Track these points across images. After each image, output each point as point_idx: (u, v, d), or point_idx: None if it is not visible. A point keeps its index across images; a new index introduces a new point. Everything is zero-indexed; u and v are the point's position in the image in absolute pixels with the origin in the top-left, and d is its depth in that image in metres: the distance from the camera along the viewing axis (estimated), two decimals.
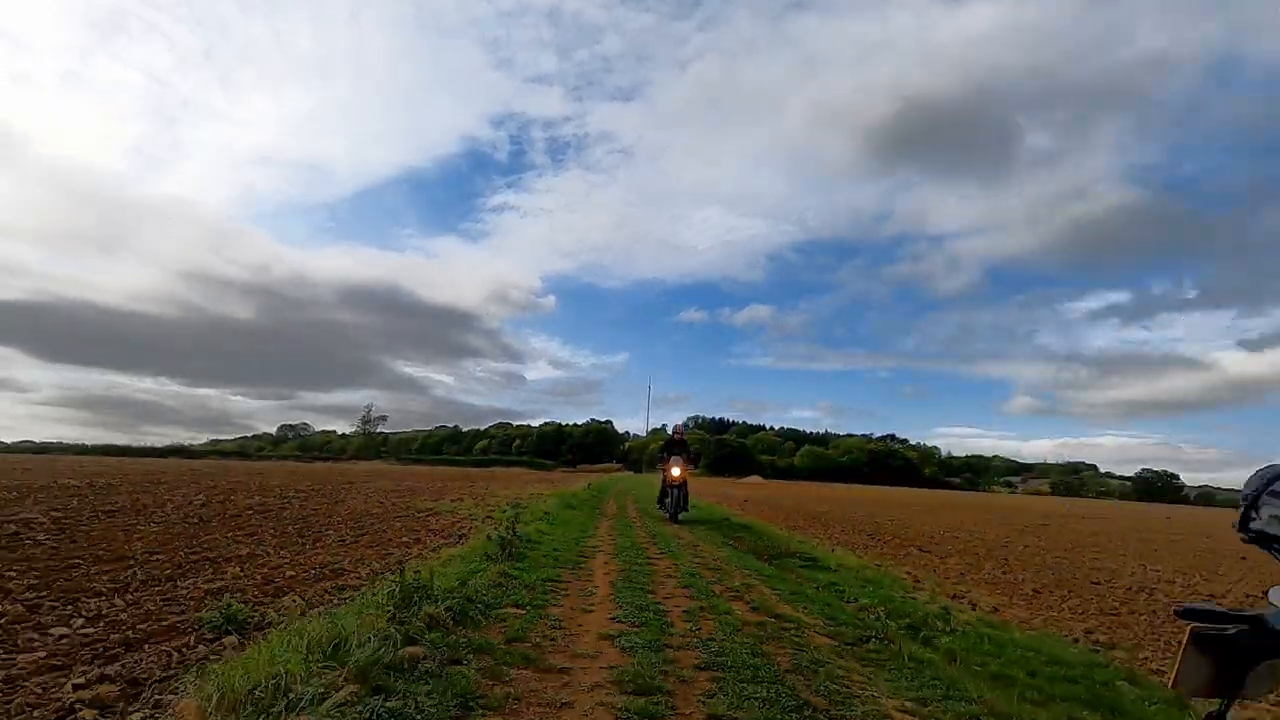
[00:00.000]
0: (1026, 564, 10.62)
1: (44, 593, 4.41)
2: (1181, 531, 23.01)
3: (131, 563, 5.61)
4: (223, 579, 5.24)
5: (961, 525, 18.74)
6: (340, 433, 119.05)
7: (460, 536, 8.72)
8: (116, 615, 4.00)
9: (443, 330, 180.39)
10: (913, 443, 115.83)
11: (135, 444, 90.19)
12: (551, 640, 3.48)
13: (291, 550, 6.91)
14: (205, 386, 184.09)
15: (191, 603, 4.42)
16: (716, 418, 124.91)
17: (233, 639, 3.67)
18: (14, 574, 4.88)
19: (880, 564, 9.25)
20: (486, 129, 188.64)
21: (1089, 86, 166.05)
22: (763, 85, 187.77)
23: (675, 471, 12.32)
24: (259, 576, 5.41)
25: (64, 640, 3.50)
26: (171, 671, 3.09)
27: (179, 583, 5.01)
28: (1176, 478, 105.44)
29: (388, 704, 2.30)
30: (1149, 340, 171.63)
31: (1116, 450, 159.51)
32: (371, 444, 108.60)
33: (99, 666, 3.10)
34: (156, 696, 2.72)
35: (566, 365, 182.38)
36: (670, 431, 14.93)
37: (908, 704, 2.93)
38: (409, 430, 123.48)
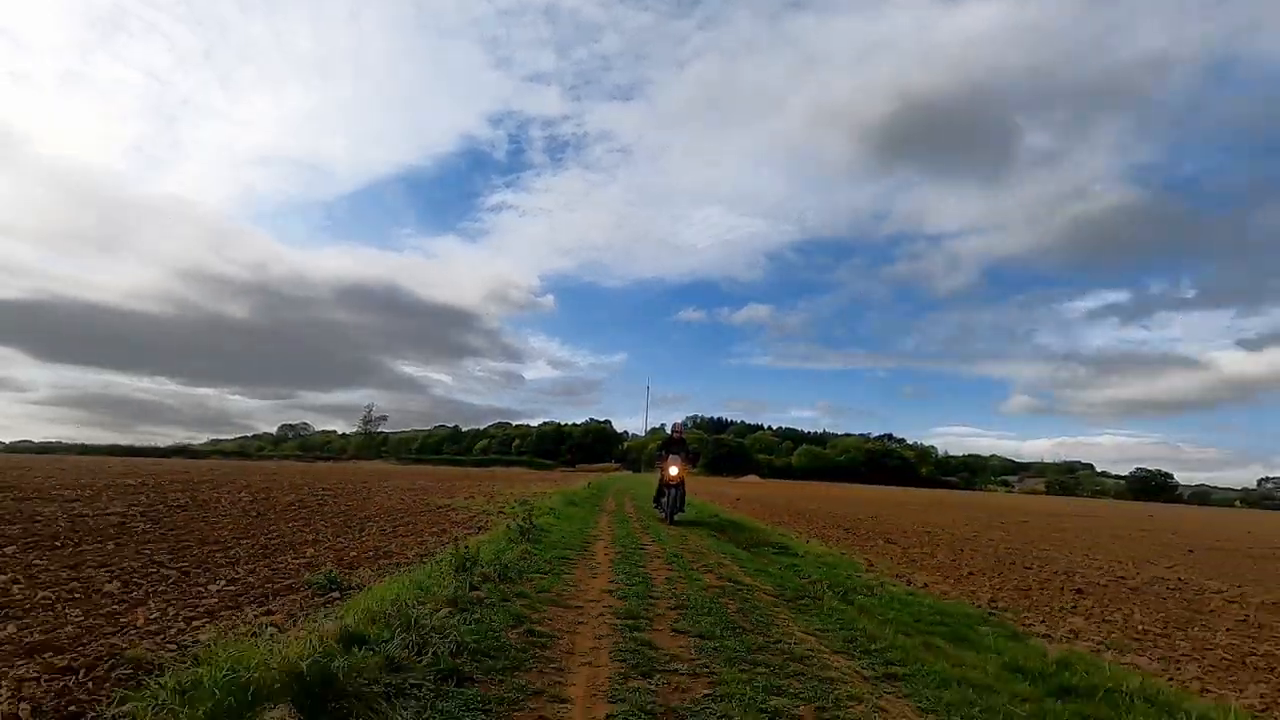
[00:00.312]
0: (978, 552, 11.99)
1: (182, 564, 5.82)
2: (1154, 528, 24.40)
3: (228, 545, 7.02)
4: (304, 557, 6.64)
5: (940, 522, 20.03)
6: (340, 432, 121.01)
7: (480, 528, 10.12)
8: (245, 579, 5.41)
9: (442, 330, 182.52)
10: (910, 442, 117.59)
11: (139, 444, 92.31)
12: (569, 592, 4.91)
13: (346, 538, 8.32)
14: (204, 386, 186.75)
15: (291, 572, 5.82)
16: (715, 417, 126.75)
17: (335, 595, 5.07)
18: (149, 552, 6.30)
19: (846, 552, 10.59)
20: (485, 128, 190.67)
21: (1089, 86, 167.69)
22: (762, 85, 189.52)
23: (673, 470, 12.01)
24: (331, 555, 6.82)
25: (219, 593, 4.90)
26: (307, 612, 4.49)
27: (273, 559, 6.42)
28: (1170, 477, 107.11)
29: (473, 617, 3.72)
30: (1147, 340, 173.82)
31: (1114, 449, 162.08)
32: (372, 444, 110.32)
33: (259, 607, 4.51)
34: (312, 622, 4.12)
35: (565, 365, 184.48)
36: (669, 431, 14.38)
37: (811, 630, 4.34)
38: (409, 430, 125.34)
